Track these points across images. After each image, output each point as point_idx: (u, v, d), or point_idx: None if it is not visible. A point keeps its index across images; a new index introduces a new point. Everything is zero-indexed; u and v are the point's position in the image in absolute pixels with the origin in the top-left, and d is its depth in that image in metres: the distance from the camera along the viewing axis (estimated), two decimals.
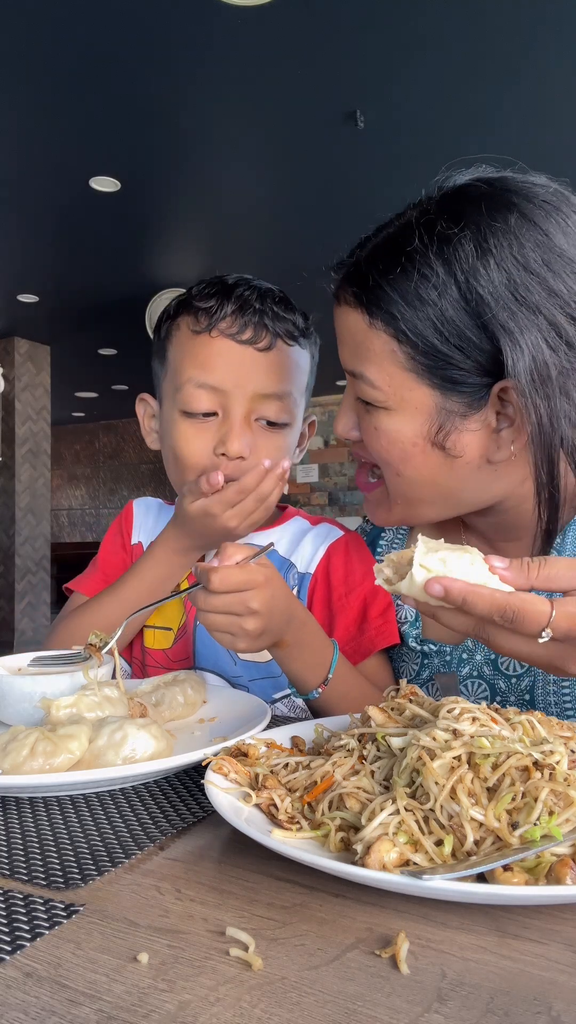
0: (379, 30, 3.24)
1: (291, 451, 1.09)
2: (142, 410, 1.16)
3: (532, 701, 0.95)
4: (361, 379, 0.87)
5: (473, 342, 0.80)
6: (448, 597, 0.61)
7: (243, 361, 1.01)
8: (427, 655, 1.04)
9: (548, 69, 3.50)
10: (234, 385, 1.01)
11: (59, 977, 0.40)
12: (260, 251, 5.93)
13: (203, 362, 1.01)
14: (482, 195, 0.81)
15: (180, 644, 1.14)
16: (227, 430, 1.01)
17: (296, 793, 0.59)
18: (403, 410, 0.85)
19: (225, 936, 0.44)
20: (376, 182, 4.61)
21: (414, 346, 0.82)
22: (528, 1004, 0.37)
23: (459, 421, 0.83)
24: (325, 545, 1.13)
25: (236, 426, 1.01)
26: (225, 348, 1.01)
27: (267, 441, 1.04)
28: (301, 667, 0.91)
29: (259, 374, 1.01)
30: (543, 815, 0.49)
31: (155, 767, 0.66)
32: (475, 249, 0.78)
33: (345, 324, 0.88)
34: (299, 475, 11.15)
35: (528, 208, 0.80)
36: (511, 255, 0.78)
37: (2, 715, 0.85)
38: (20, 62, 3.45)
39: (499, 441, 0.84)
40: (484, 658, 0.99)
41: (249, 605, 0.80)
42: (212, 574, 0.78)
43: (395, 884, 0.45)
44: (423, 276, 0.80)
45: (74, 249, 5.76)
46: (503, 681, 0.97)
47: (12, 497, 7.89)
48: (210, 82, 3.62)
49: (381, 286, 0.83)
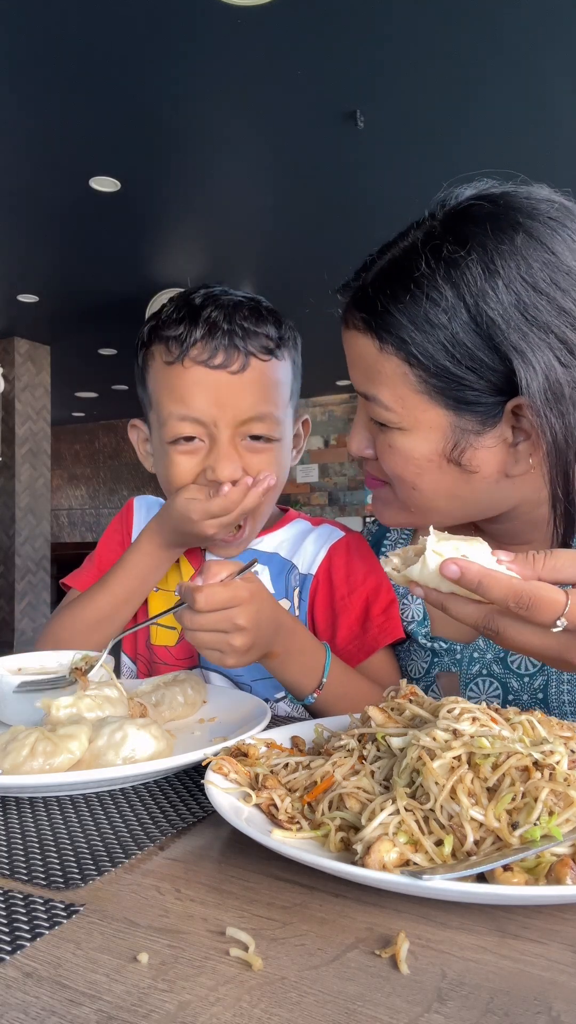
0: (379, 30, 3.24)
1: (283, 462, 1.09)
2: (135, 436, 1.17)
3: (545, 700, 0.95)
4: (374, 401, 0.87)
5: (485, 363, 0.80)
6: (464, 578, 0.62)
7: (219, 387, 1.00)
8: (437, 653, 1.04)
9: (548, 69, 3.50)
10: (215, 414, 1.00)
11: (59, 977, 0.40)
12: (260, 251, 5.93)
13: (181, 396, 1.01)
14: (487, 215, 0.81)
15: (184, 643, 1.14)
16: (216, 457, 1.01)
17: (296, 793, 0.59)
18: (417, 430, 0.85)
19: (225, 936, 0.44)
20: (376, 182, 4.61)
21: (426, 369, 0.82)
22: (528, 1004, 0.37)
23: (474, 438, 0.83)
24: (327, 546, 1.13)
25: (223, 452, 1.00)
26: (200, 377, 1.00)
27: (257, 458, 1.03)
28: (294, 674, 0.91)
29: (237, 398, 1.00)
30: (543, 815, 0.49)
31: (155, 767, 0.66)
32: (483, 271, 0.78)
33: (355, 348, 0.88)
34: (299, 475, 11.14)
35: (534, 227, 0.79)
36: (519, 276, 0.78)
37: (2, 715, 0.85)
38: (20, 62, 3.45)
39: (516, 455, 0.84)
40: (495, 656, 0.99)
41: (236, 622, 0.80)
42: (197, 594, 0.78)
43: (395, 884, 0.45)
44: (432, 300, 0.80)
45: (74, 249, 5.75)
46: (515, 680, 0.97)
47: (12, 497, 7.88)
48: (210, 82, 3.61)
49: (390, 311, 0.82)
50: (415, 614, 1.08)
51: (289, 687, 0.93)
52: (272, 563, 1.14)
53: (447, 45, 3.33)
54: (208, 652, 0.83)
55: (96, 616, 1.08)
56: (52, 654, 0.98)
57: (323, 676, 0.92)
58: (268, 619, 0.85)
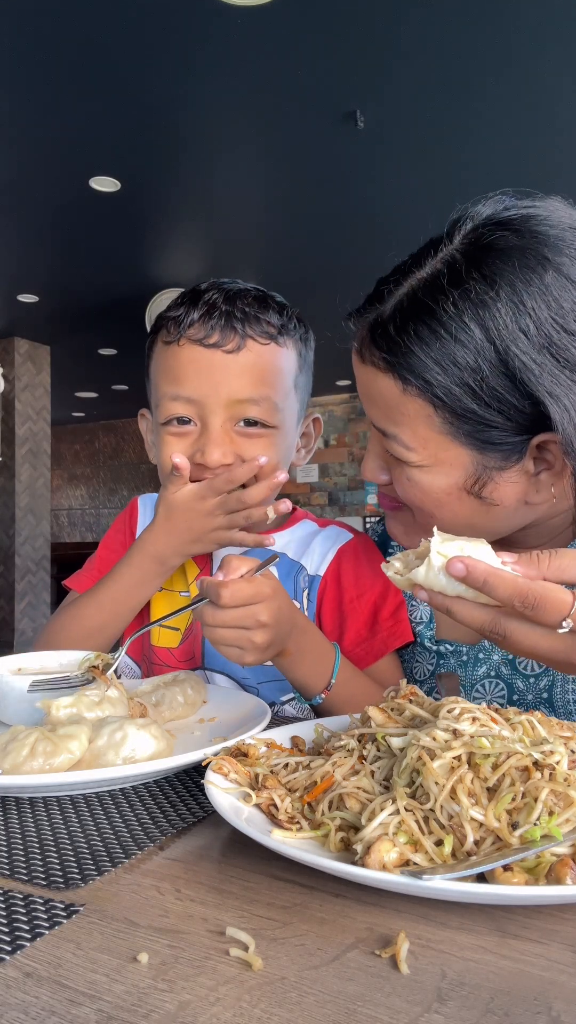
0: (379, 30, 3.24)
1: (282, 454, 1.05)
2: (143, 425, 1.16)
3: (551, 700, 0.95)
4: (394, 439, 0.84)
5: (513, 404, 0.78)
6: (470, 576, 0.61)
7: (212, 367, 0.98)
8: (443, 655, 1.04)
9: (549, 69, 3.50)
10: (207, 393, 0.98)
11: (59, 977, 0.40)
12: (260, 251, 5.93)
13: (175, 374, 1.00)
14: (512, 249, 0.78)
15: (187, 644, 1.14)
16: (205, 441, 0.98)
17: (296, 793, 0.59)
18: (438, 467, 0.83)
19: (225, 936, 0.44)
20: (376, 182, 4.61)
21: (451, 411, 0.80)
22: (528, 1004, 0.37)
23: (496, 473, 0.82)
24: (335, 548, 1.12)
25: (213, 435, 0.98)
26: (194, 355, 0.98)
27: (251, 445, 1.00)
28: (304, 674, 0.91)
29: (230, 378, 0.98)
30: (543, 815, 0.49)
31: (155, 767, 0.66)
32: (513, 313, 0.76)
33: (374, 386, 0.85)
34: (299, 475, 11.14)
35: (563, 263, 0.77)
36: (550, 317, 0.76)
37: (2, 715, 0.85)
38: (20, 62, 3.45)
39: (538, 484, 0.83)
40: (502, 658, 0.99)
41: (258, 618, 0.79)
42: (222, 589, 0.77)
43: (395, 884, 0.45)
44: (460, 342, 0.77)
45: (74, 249, 5.76)
46: (521, 681, 0.97)
47: (12, 497, 7.88)
48: (210, 82, 3.61)
49: (414, 352, 0.80)
50: (422, 615, 1.07)
51: (298, 687, 0.93)
52: (280, 564, 1.13)
53: (447, 45, 3.33)
54: (227, 650, 0.82)
55: (86, 628, 1.05)
56: (53, 654, 0.98)
57: (332, 677, 0.92)
58: (286, 617, 0.84)
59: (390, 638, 1.05)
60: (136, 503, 1.25)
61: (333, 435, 11.01)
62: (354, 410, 10.75)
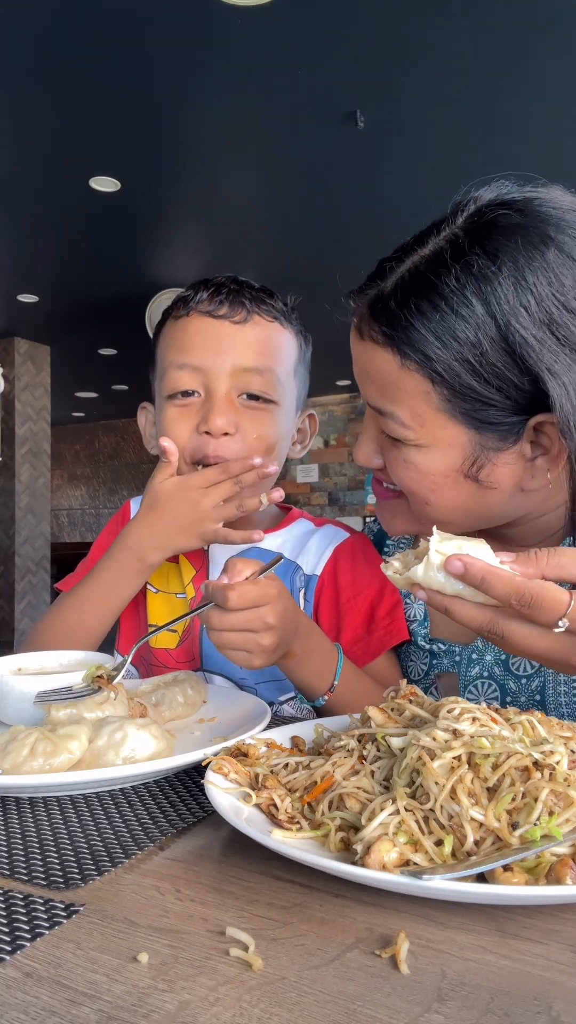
0: (379, 30, 3.24)
1: (281, 434, 1.06)
2: (143, 418, 1.16)
3: (543, 702, 0.95)
4: (390, 417, 0.84)
5: (512, 382, 0.78)
6: (467, 573, 0.61)
7: (220, 335, 1.00)
8: (436, 655, 1.04)
9: (548, 69, 3.50)
10: (213, 361, 1.00)
11: (59, 977, 0.40)
12: (260, 250, 5.92)
13: (182, 344, 1.02)
14: (516, 227, 0.78)
15: (185, 645, 1.14)
16: (209, 407, 1.00)
17: (296, 793, 0.59)
18: (435, 447, 0.83)
19: (225, 936, 0.44)
20: (376, 182, 4.61)
21: (450, 387, 0.79)
22: (528, 1004, 0.37)
23: (493, 455, 0.82)
24: (332, 547, 1.12)
25: (218, 403, 0.99)
26: (202, 325, 1.01)
27: (252, 419, 1.01)
28: (309, 675, 0.91)
29: (237, 347, 1.00)
30: (543, 815, 0.49)
31: (155, 767, 0.66)
32: (514, 288, 0.75)
33: (372, 362, 0.85)
34: (299, 475, 11.14)
35: (565, 241, 0.77)
36: (551, 294, 0.75)
37: (2, 715, 0.85)
38: (20, 62, 3.45)
39: (534, 470, 0.83)
40: (495, 658, 0.99)
41: (266, 620, 0.79)
42: (229, 592, 0.77)
43: (395, 884, 0.45)
44: (461, 316, 0.77)
45: (74, 249, 5.75)
46: (513, 682, 0.97)
47: (12, 497, 7.88)
48: (210, 82, 3.61)
49: (414, 326, 0.79)
50: (416, 614, 1.07)
51: (302, 688, 0.93)
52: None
53: (448, 45, 3.33)
54: (235, 654, 0.81)
55: (68, 626, 1.05)
56: (52, 654, 0.98)
57: (335, 678, 0.91)
58: (291, 618, 0.84)
59: (387, 636, 1.05)
60: (129, 505, 1.24)
61: (333, 435, 11.01)
62: (354, 410, 10.75)
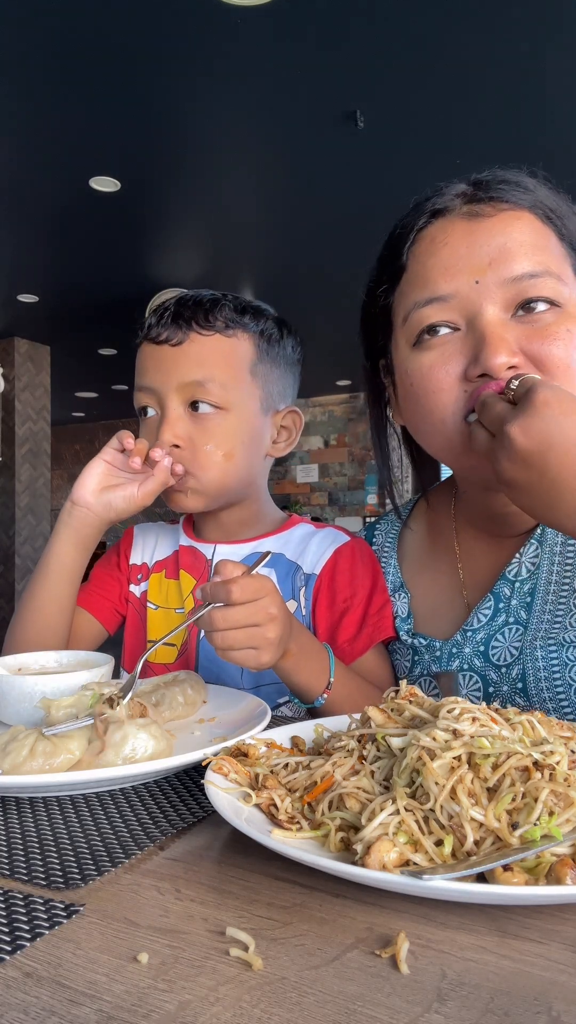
0: (379, 30, 3.24)
1: (241, 438, 1.11)
2: None
3: (524, 690, 0.95)
4: (547, 276, 0.85)
5: None
6: None
7: (163, 359, 1.10)
8: (417, 650, 1.05)
9: (549, 69, 3.50)
10: (159, 382, 1.09)
11: (59, 977, 0.40)
12: (260, 250, 5.92)
13: (140, 369, 1.13)
14: None
15: (183, 660, 1.16)
16: (160, 425, 1.09)
17: (296, 793, 0.59)
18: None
19: (225, 936, 0.43)
20: (376, 182, 4.61)
21: (560, 234, 0.88)
22: (528, 1004, 0.37)
23: None
24: (332, 548, 1.14)
25: (167, 418, 1.09)
26: (150, 352, 1.11)
27: (202, 427, 1.09)
28: (306, 676, 0.91)
29: (176, 367, 1.09)
30: (543, 815, 0.49)
31: (155, 767, 0.66)
32: None
33: (516, 227, 0.87)
34: (299, 475, 11.14)
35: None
36: None
37: (2, 715, 0.85)
38: (20, 62, 3.45)
39: None
40: (473, 651, 0.99)
41: (269, 611, 0.79)
42: (231, 585, 0.77)
43: (395, 884, 0.45)
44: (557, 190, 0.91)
45: (74, 249, 5.75)
46: (494, 671, 0.98)
47: (12, 497, 7.88)
48: (210, 82, 3.61)
49: (545, 193, 0.90)
50: (399, 610, 1.09)
51: (299, 690, 0.92)
52: (278, 564, 1.15)
53: (447, 45, 3.33)
54: (241, 654, 0.81)
55: (29, 624, 1.09)
56: (51, 654, 0.98)
57: (330, 676, 0.92)
58: (287, 613, 0.84)
59: (375, 632, 1.07)
60: (132, 531, 1.31)
61: (333, 435, 11.01)
62: (354, 410, 10.75)
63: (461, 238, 0.87)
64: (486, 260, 0.85)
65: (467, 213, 0.88)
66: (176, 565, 1.20)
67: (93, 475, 1.09)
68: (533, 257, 0.84)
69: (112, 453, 1.10)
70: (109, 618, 1.22)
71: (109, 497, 1.08)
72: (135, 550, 1.26)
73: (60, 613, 1.10)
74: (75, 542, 1.09)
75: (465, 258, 0.86)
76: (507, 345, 0.83)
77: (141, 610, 1.21)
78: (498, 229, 0.86)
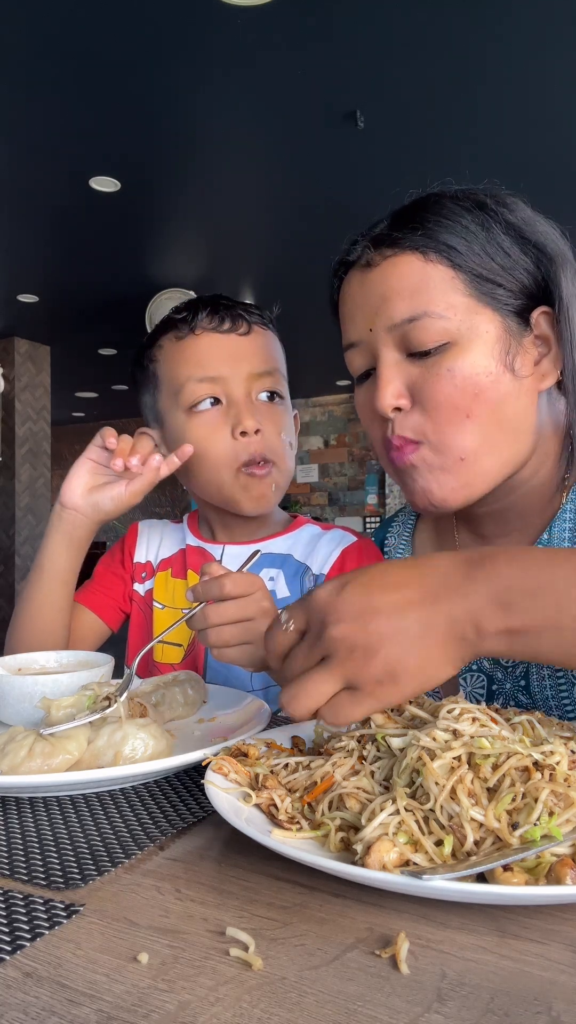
0: (379, 30, 3.23)
1: (289, 427, 1.15)
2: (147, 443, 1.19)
3: (528, 687, 0.95)
4: (424, 318, 0.84)
5: (521, 265, 0.86)
6: None
7: (230, 348, 1.08)
8: None
9: (549, 69, 3.50)
10: (229, 371, 1.07)
11: (59, 977, 0.40)
12: (259, 251, 5.93)
13: (197, 360, 1.08)
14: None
15: (189, 660, 1.16)
16: (237, 412, 1.07)
17: (296, 793, 0.59)
18: (473, 339, 0.85)
19: (225, 936, 0.43)
20: (376, 182, 4.60)
21: (470, 271, 0.85)
22: (528, 1004, 0.37)
23: (518, 340, 0.87)
24: (340, 548, 1.15)
25: (244, 406, 1.07)
26: (212, 341, 1.08)
27: (270, 415, 1.10)
28: None
29: (248, 356, 1.08)
30: (543, 815, 0.49)
31: (155, 767, 0.66)
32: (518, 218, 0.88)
33: (391, 276, 0.87)
34: (299, 475, 11.13)
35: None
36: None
37: (2, 715, 0.85)
38: (20, 62, 3.45)
39: (542, 371, 0.88)
40: None
41: (262, 604, 0.80)
42: (224, 579, 0.78)
43: (395, 884, 0.45)
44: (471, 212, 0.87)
45: (74, 249, 5.75)
46: (500, 671, 0.98)
47: (12, 497, 7.88)
48: (210, 82, 3.61)
49: (436, 222, 0.86)
50: None
51: None
52: (286, 565, 1.15)
53: (448, 45, 3.33)
54: (236, 651, 0.81)
55: (26, 623, 1.10)
56: (51, 654, 0.98)
57: None
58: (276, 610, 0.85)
59: None
60: (136, 527, 1.30)
61: (333, 435, 11.01)
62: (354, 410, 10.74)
63: (357, 289, 0.91)
64: (373, 310, 0.88)
65: (363, 264, 0.90)
66: (183, 564, 1.20)
67: (80, 476, 1.09)
68: (411, 301, 0.85)
69: (97, 451, 1.09)
70: (112, 616, 1.22)
71: (97, 498, 1.08)
72: (139, 548, 1.26)
73: (57, 614, 1.10)
74: (67, 544, 1.09)
75: (361, 307, 0.90)
76: (392, 387, 0.87)
77: (146, 609, 1.21)
78: (379, 279, 0.88)
